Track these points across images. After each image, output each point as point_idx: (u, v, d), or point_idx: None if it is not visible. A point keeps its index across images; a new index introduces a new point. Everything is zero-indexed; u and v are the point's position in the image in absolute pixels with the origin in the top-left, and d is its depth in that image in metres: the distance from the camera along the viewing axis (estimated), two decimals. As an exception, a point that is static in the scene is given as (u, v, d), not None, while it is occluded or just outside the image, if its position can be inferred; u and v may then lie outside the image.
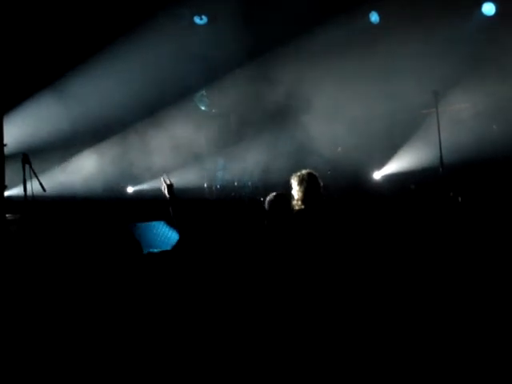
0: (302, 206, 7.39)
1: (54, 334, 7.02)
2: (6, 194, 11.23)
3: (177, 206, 7.51)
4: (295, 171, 7.83)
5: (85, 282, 8.62)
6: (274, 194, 7.90)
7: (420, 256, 9.20)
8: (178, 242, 8.73)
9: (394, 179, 13.72)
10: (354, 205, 12.11)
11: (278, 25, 13.29)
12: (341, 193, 12.48)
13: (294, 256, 7.06)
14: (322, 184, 7.62)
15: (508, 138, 12.48)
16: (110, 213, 12.55)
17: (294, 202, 7.47)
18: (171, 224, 12.15)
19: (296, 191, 7.49)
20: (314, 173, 7.65)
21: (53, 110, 12.76)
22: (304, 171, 7.63)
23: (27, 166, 9.66)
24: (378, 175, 13.98)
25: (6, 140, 11.19)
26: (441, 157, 12.20)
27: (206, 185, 14.51)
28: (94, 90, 13.01)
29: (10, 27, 11.99)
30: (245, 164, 14.46)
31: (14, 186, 10.93)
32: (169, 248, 10.55)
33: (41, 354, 6.53)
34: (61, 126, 12.77)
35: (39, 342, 6.81)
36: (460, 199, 12.24)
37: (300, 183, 7.48)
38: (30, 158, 9.74)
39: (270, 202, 7.89)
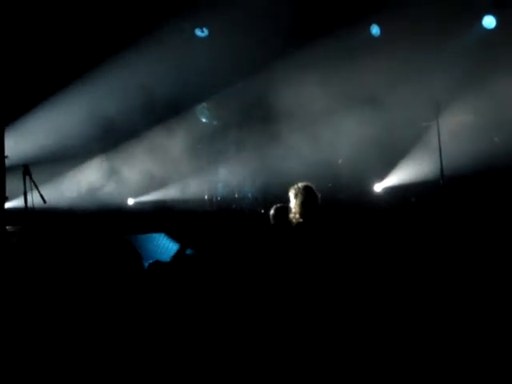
0: (300, 220, 7.37)
1: (54, 342, 7.02)
2: (7, 205, 11.22)
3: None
4: (295, 183, 7.81)
5: (85, 293, 8.62)
6: (275, 207, 7.91)
7: (420, 267, 9.21)
8: (179, 252, 8.76)
9: (395, 192, 13.70)
10: (354, 217, 12.10)
11: (279, 37, 13.32)
12: (341, 205, 12.49)
13: (294, 267, 7.06)
14: (319, 196, 7.60)
15: (509, 149, 12.47)
16: (110, 224, 12.54)
17: (292, 215, 7.45)
18: (171, 236, 12.17)
19: (293, 204, 7.48)
20: (310, 185, 7.63)
21: (53, 121, 12.76)
22: (300, 184, 7.61)
23: (28, 178, 9.67)
24: (378, 187, 13.96)
25: (6, 152, 11.20)
26: (441, 169, 12.21)
27: (206, 197, 14.51)
28: (95, 101, 13.03)
29: (11, 40, 12.02)
30: (245, 176, 14.47)
31: (15, 197, 10.93)
32: (168, 259, 10.56)
33: (41, 358, 6.53)
34: (61, 137, 12.77)
35: (39, 349, 6.81)
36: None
37: (296, 196, 7.47)
38: (31, 170, 9.75)
39: (271, 215, 7.92)
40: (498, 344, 6.39)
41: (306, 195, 7.44)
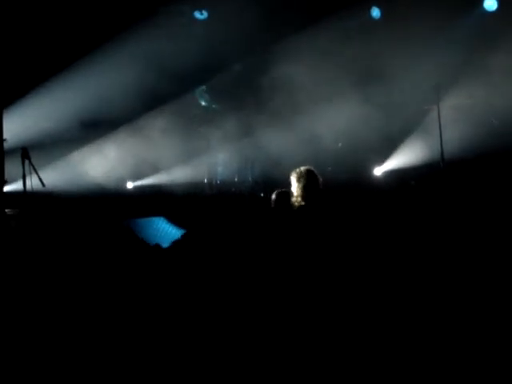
0: (302, 203, 7.37)
1: (52, 327, 7.01)
2: (6, 188, 11.19)
3: None
4: (295, 167, 7.79)
5: (84, 277, 8.63)
6: (277, 191, 7.91)
7: (420, 251, 9.20)
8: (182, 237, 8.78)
9: (395, 175, 13.68)
10: (354, 200, 12.09)
11: (279, 19, 13.25)
12: (341, 188, 12.46)
13: (296, 251, 7.06)
14: (321, 180, 7.59)
15: (508, 133, 12.44)
16: (109, 208, 12.53)
17: (294, 199, 7.45)
18: (170, 220, 12.16)
19: (295, 188, 7.47)
20: (312, 169, 7.62)
21: (52, 104, 12.71)
22: (302, 168, 7.59)
23: (27, 161, 9.63)
24: (378, 171, 13.94)
25: (5, 135, 11.15)
26: (442, 152, 12.20)
27: (206, 180, 14.49)
28: (94, 85, 12.99)
29: (9, 23, 11.95)
30: (245, 159, 14.45)
31: (14, 180, 10.90)
32: (168, 244, 10.57)
33: (39, 349, 6.51)
34: (61, 120, 12.74)
35: (37, 337, 6.80)
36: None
37: (298, 180, 7.46)
38: (30, 153, 9.71)
39: (273, 199, 7.92)
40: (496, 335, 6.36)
41: (309, 179, 7.44)
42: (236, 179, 14.49)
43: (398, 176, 13.66)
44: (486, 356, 5.86)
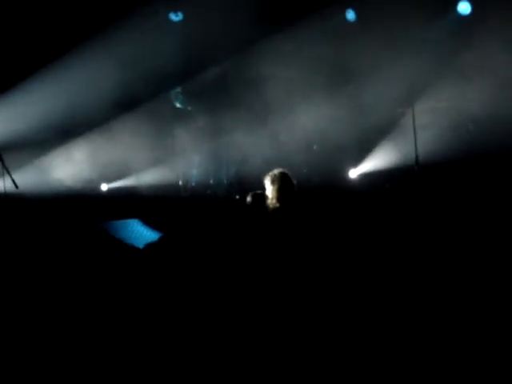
0: (277, 205, 7.40)
1: (28, 328, 6.97)
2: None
3: None
4: (270, 169, 7.80)
5: (60, 278, 8.58)
6: (252, 193, 7.90)
7: (392, 254, 9.26)
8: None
9: (370, 178, 13.72)
10: (329, 203, 12.12)
11: (254, 22, 13.23)
12: (316, 191, 12.49)
13: (271, 253, 7.07)
14: (295, 182, 7.63)
15: (483, 136, 12.52)
16: (83, 210, 12.46)
17: (269, 201, 7.47)
18: (145, 222, 12.12)
19: (270, 191, 7.50)
20: (287, 171, 7.66)
21: (25, 106, 12.62)
22: (276, 170, 7.63)
23: (-1, 163, 9.56)
24: (353, 173, 13.97)
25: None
26: (416, 155, 12.26)
27: (180, 182, 14.45)
28: (67, 87, 12.89)
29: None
30: (220, 162, 14.43)
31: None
32: (142, 246, 10.54)
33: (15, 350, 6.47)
34: (34, 122, 12.63)
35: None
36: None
37: (272, 182, 7.50)
38: (3, 155, 9.63)
39: (248, 201, 7.91)
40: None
41: (283, 181, 7.48)
42: (211, 181, 14.46)
43: (372, 179, 13.70)
44: (486, 354, 5.88)
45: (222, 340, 6.53)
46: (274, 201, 7.43)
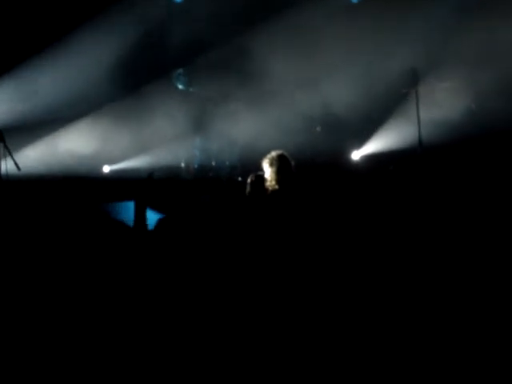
0: (276, 187, 7.42)
1: (31, 315, 6.96)
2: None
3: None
4: (273, 151, 7.79)
5: (65, 260, 8.55)
6: (253, 174, 7.90)
7: (395, 237, 9.22)
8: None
9: (373, 159, 13.68)
10: (331, 185, 12.09)
11: (257, 2, 13.19)
12: (318, 173, 12.46)
13: (272, 235, 7.07)
14: (293, 163, 7.64)
15: (487, 116, 12.46)
16: (85, 192, 12.44)
17: (268, 183, 7.50)
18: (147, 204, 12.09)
19: (268, 173, 7.54)
20: (285, 153, 7.67)
21: (27, 87, 12.58)
22: (274, 152, 7.65)
23: (1, 144, 9.53)
24: (356, 155, 13.93)
25: (-21, 117, 11.05)
26: (419, 137, 12.21)
27: (183, 164, 14.41)
28: (70, 67, 12.85)
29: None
30: (223, 143, 14.39)
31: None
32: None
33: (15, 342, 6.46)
34: (36, 103, 12.61)
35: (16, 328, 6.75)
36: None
37: (271, 164, 7.53)
38: (5, 136, 9.60)
39: (248, 182, 7.91)
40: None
41: (281, 163, 7.54)
42: (214, 163, 14.43)
43: (375, 160, 13.66)
44: (485, 354, 5.85)
45: (222, 325, 6.52)
46: (273, 183, 7.47)
